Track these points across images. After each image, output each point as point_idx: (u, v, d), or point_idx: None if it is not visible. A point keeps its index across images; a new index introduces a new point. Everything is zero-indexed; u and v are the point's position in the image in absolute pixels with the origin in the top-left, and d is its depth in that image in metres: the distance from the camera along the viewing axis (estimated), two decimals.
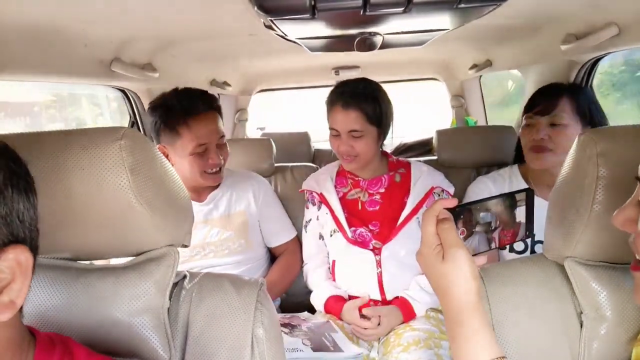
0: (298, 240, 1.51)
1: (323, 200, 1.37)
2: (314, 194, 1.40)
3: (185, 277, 0.72)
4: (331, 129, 1.31)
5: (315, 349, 1.08)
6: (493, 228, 0.61)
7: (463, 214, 0.59)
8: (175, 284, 0.70)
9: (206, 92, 1.31)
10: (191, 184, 1.30)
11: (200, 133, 1.24)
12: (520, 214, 0.63)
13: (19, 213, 0.43)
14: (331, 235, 1.34)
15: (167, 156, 1.27)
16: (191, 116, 1.23)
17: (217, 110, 1.31)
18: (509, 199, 0.61)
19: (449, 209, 0.58)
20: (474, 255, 0.60)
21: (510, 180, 1.35)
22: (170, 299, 0.67)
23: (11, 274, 0.41)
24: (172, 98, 1.25)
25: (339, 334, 1.17)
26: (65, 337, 0.52)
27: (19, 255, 0.42)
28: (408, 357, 1.08)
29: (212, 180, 1.31)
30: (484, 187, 1.37)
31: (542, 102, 1.24)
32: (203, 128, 1.24)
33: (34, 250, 0.45)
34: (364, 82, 1.30)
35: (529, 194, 0.62)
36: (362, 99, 1.24)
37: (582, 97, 1.23)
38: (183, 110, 1.22)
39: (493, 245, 0.62)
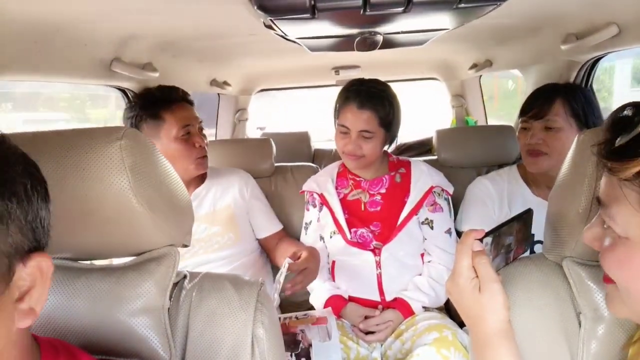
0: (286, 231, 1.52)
1: (324, 202, 1.36)
2: (315, 195, 1.40)
3: (185, 277, 0.72)
4: (341, 125, 1.28)
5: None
6: (512, 248, 0.66)
7: (493, 240, 0.62)
8: (175, 284, 0.70)
9: (178, 87, 1.44)
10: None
11: (183, 115, 1.33)
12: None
13: (42, 219, 0.43)
14: (331, 237, 1.34)
15: None
16: (172, 102, 1.33)
17: (191, 104, 1.42)
18: (522, 219, 0.66)
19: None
20: None
21: (509, 180, 1.35)
22: (170, 299, 0.67)
23: (32, 281, 0.41)
24: (151, 91, 1.37)
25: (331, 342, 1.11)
26: (67, 343, 0.51)
27: (41, 262, 0.41)
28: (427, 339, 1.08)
29: (202, 167, 1.36)
30: (483, 188, 1.36)
31: (535, 105, 1.24)
32: (185, 112, 1.34)
33: None
34: (381, 84, 1.29)
35: (530, 214, 0.67)
36: (378, 101, 1.23)
37: (577, 99, 1.22)
38: (164, 97, 1.33)
39: (506, 262, 0.67)
